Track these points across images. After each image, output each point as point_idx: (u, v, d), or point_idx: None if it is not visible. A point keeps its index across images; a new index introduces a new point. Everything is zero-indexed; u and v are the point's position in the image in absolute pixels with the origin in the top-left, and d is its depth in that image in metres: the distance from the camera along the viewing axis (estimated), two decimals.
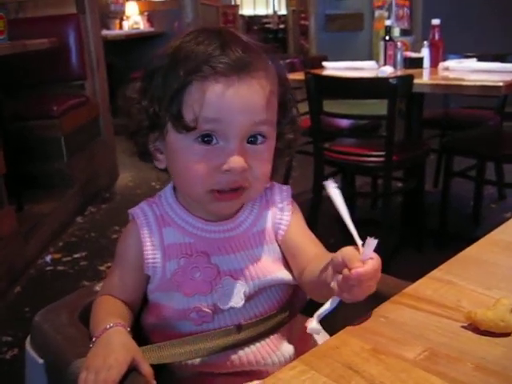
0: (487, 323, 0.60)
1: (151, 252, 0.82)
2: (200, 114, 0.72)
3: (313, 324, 0.71)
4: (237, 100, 0.72)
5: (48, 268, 2.64)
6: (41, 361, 0.81)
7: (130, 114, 0.81)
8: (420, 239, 2.69)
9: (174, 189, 0.87)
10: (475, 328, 0.61)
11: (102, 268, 2.60)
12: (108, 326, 0.74)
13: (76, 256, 2.75)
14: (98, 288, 0.92)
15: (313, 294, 0.84)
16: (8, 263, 2.43)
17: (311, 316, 0.91)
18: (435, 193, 3.31)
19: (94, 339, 0.74)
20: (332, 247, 0.98)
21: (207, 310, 0.79)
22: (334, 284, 0.68)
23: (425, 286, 0.71)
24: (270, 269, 0.84)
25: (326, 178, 2.65)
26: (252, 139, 0.75)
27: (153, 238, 0.82)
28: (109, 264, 2.62)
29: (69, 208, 3.21)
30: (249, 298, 0.81)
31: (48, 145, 3.18)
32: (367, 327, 0.63)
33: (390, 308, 0.67)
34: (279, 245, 0.87)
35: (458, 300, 0.67)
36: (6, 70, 2.77)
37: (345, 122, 3.03)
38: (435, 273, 0.74)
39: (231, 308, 0.80)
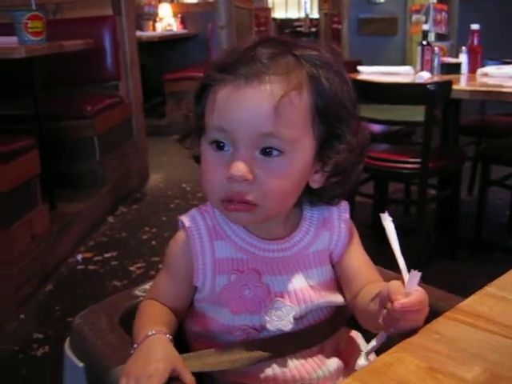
0: None
1: (201, 265, 0.80)
2: (210, 122, 0.72)
3: (361, 361, 0.70)
4: (240, 106, 0.69)
5: (79, 267, 2.66)
6: (81, 364, 0.80)
7: (187, 124, 0.81)
8: (454, 248, 2.64)
9: None
10: None
11: (132, 268, 2.60)
12: (150, 333, 0.73)
13: (106, 256, 2.77)
14: (137, 292, 0.92)
15: (362, 321, 0.81)
16: (40, 261, 2.45)
17: (355, 328, 0.90)
18: (469, 201, 3.25)
19: (135, 345, 0.73)
20: None
21: (253, 330, 0.77)
22: (380, 320, 0.67)
23: (479, 302, 0.68)
24: (323, 292, 0.82)
25: (360, 184, 2.59)
26: (268, 150, 0.70)
27: (204, 251, 0.80)
28: (139, 265, 2.63)
29: (100, 208, 3.23)
30: (296, 319, 0.79)
31: (81, 145, 3.21)
32: (421, 344, 0.60)
33: (444, 324, 0.64)
34: (333, 266, 0.85)
35: None
36: (43, 69, 2.80)
37: (377, 128, 2.98)
38: (488, 288, 0.71)
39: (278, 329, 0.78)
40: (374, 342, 0.68)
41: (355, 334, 0.91)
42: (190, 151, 0.82)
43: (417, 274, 0.63)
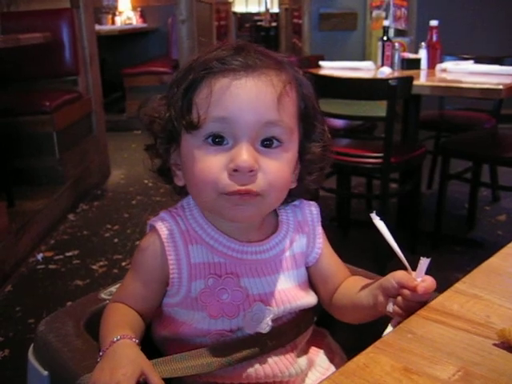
0: None
1: (177, 270, 0.77)
2: (208, 114, 0.70)
3: None
4: (243, 94, 0.69)
5: (39, 266, 2.59)
6: (45, 373, 0.77)
7: (151, 128, 0.78)
8: (415, 241, 2.68)
9: None
10: (509, 346, 0.58)
11: (94, 267, 2.55)
12: (115, 339, 0.71)
13: (68, 254, 2.71)
14: (103, 295, 0.89)
15: (345, 316, 0.84)
16: None
17: (324, 327, 0.91)
18: (429, 194, 3.31)
19: (101, 353, 0.71)
20: None
21: (229, 333, 0.76)
22: (391, 307, 0.70)
23: (451, 299, 0.68)
24: (300, 294, 0.82)
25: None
26: (267, 142, 0.71)
27: (179, 256, 0.77)
28: (101, 263, 2.58)
29: (61, 205, 3.16)
30: (273, 321, 0.79)
31: (40, 140, 3.13)
32: (395, 344, 0.60)
33: (417, 323, 0.64)
34: (307, 268, 0.86)
35: (487, 316, 0.64)
36: None
37: (338, 122, 3.00)
38: (460, 286, 0.72)
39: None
40: (390, 327, 0.70)
41: (323, 331, 0.93)
42: (155, 162, 0.81)
43: (426, 261, 0.68)
